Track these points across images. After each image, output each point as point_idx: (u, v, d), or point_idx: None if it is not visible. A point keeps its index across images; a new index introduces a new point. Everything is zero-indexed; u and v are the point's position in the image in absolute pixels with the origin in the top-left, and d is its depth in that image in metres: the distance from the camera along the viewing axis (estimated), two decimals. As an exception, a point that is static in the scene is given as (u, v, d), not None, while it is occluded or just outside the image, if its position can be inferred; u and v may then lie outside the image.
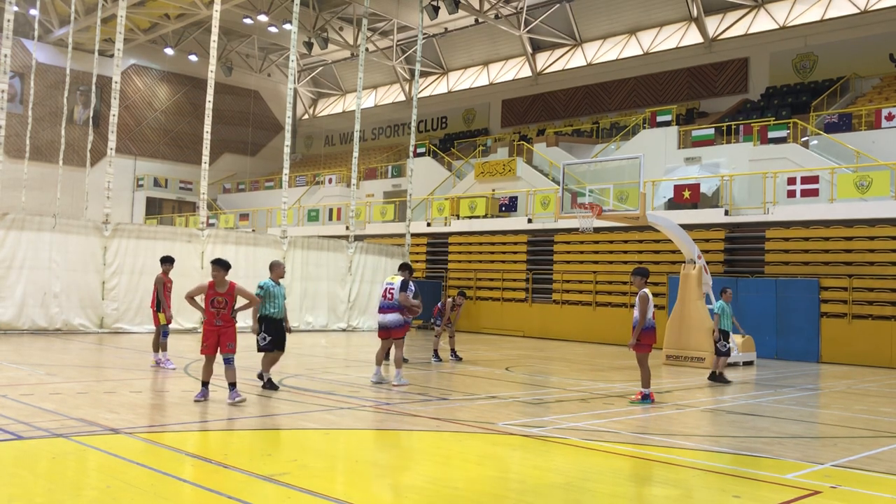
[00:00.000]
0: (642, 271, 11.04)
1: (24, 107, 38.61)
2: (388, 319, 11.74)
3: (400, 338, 11.85)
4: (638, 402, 10.81)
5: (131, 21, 39.67)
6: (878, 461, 7.50)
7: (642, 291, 10.87)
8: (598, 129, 34.06)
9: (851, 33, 29.85)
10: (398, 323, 11.73)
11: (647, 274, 11.07)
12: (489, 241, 28.60)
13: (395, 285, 11.76)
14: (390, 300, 11.72)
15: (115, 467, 6.24)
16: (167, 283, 13.28)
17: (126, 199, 44.67)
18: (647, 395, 10.88)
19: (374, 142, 48.63)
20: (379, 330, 11.99)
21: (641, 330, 10.79)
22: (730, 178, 23.85)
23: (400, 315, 11.74)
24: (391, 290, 11.74)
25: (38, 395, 9.61)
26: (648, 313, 10.81)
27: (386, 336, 11.88)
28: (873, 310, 19.70)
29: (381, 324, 11.85)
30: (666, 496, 6.09)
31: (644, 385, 10.94)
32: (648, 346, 10.93)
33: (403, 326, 11.83)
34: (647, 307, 10.79)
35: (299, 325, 24.00)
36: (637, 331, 10.80)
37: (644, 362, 10.94)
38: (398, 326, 11.75)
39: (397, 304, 11.70)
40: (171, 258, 13.60)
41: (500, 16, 38.39)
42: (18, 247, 18.84)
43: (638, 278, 10.97)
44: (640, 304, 10.81)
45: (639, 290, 10.92)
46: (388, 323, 11.74)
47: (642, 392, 10.92)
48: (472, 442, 7.87)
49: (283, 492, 5.59)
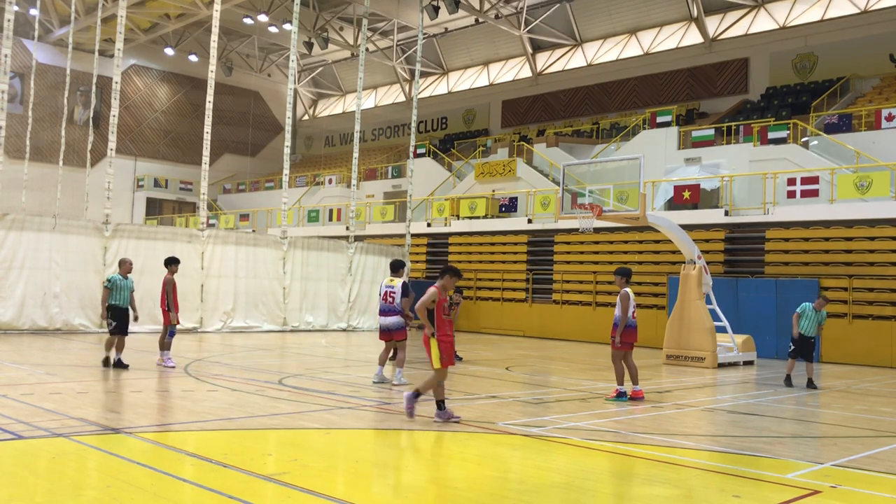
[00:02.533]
0: (624, 271, 11.28)
1: (24, 107, 38.62)
2: (389, 322, 11.87)
3: (402, 340, 11.96)
4: (613, 400, 10.94)
5: (131, 21, 39.67)
6: (878, 461, 7.50)
7: (623, 290, 11.08)
8: (598, 129, 34.06)
9: (851, 33, 29.85)
10: (399, 325, 11.86)
11: (629, 274, 11.30)
12: (489, 241, 28.60)
13: (395, 289, 11.83)
14: (391, 304, 11.80)
15: (115, 467, 6.24)
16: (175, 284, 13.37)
17: (126, 199, 44.68)
18: (622, 393, 11.03)
19: (374, 142, 48.64)
20: (380, 332, 12.11)
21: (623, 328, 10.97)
22: (730, 178, 23.85)
23: (401, 318, 11.86)
24: (392, 293, 11.80)
25: (38, 394, 9.61)
26: (629, 312, 10.99)
27: (388, 339, 12.00)
28: (873, 310, 19.69)
29: (383, 326, 11.96)
30: (666, 496, 6.09)
31: (619, 382, 11.18)
32: (630, 344, 11.11)
33: (404, 329, 11.95)
34: (629, 306, 10.98)
35: (299, 325, 24.04)
36: (620, 329, 10.96)
37: (618, 360, 11.17)
38: (399, 329, 11.87)
39: (399, 307, 11.80)
40: (176, 259, 13.66)
41: (500, 16, 38.40)
42: (18, 247, 18.84)
43: (619, 278, 11.22)
44: (621, 303, 11.03)
45: (620, 289, 11.14)
46: (390, 325, 11.87)
47: (618, 389, 11.10)
48: (472, 442, 7.87)
49: (283, 492, 5.59)
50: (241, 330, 22.44)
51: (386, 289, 11.93)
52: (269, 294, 23.46)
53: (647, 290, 23.56)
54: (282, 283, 23.75)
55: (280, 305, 23.66)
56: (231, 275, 22.46)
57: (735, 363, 17.83)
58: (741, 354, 18.00)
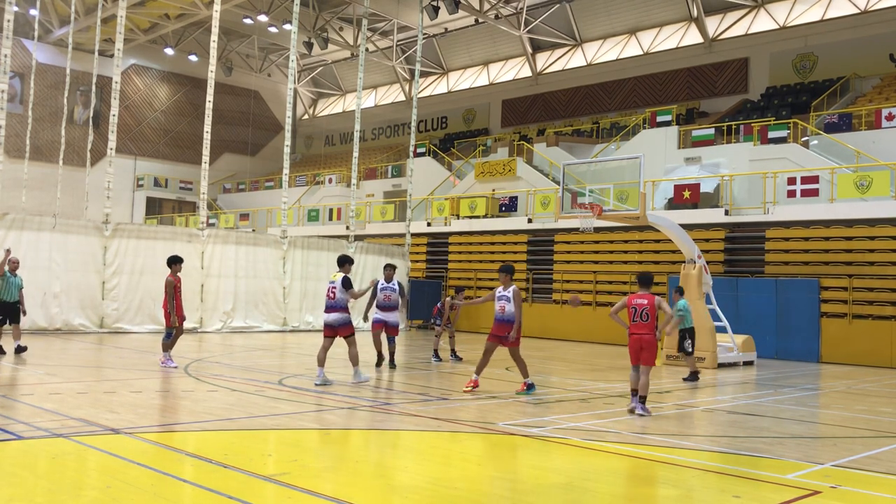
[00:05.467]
0: (508, 268, 11.46)
1: (24, 107, 38.62)
2: (331, 318, 11.65)
3: (349, 335, 11.72)
4: (523, 393, 11.26)
5: (131, 21, 39.67)
6: (878, 461, 7.50)
7: (514, 288, 11.25)
8: (598, 129, 34.06)
9: (851, 33, 29.85)
10: (344, 321, 11.64)
11: (512, 271, 11.49)
12: (489, 241, 28.59)
13: (336, 284, 11.64)
14: (333, 299, 11.62)
15: (115, 467, 6.24)
16: (177, 284, 13.03)
17: (126, 199, 44.68)
18: (531, 385, 11.45)
19: (374, 142, 48.64)
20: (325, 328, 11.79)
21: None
22: (730, 178, 23.85)
23: (345, 313, 11.65)
24: (333, 289, 11.63)
25: (38, 395, 9.61)
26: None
27: (332, 335, 11.72)
28: (873, 310, 19.69)
29: (326, 322, 11.72)
30: (666, 496, 6.09)
31: (525, 375, 11.52)
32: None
33: (349, 324, 11.72)
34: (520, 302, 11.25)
35: (299, 325, 24.03)
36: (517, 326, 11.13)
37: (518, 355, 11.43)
38: (344, 325, 11.66)
39: (341, 303, 11.61)
40: (177, 258, 13.29)
41: (500, 16, 38.39)
42: (18, 247, 18.78)
43: (503, 275, 11.39)
44: (516, 300, 11.18)
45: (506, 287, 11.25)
46: (333, 321, 11.64)
47: (526, 383, 11.46)
48: (472, 442, 7.87)
49: (283, 492, 5.59)
50: (241, 330, 22.43)
51: (329, 284, 11.75)
52: (269, 294, 23.45)
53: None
54: (282, 282, 23.75)
55: (280, 305, 23.66)
56: (231, 274, 22.45)
57: (735, 363, 17.82)
58: (741, 354, 17.99)
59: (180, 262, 13.29)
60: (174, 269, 13.10)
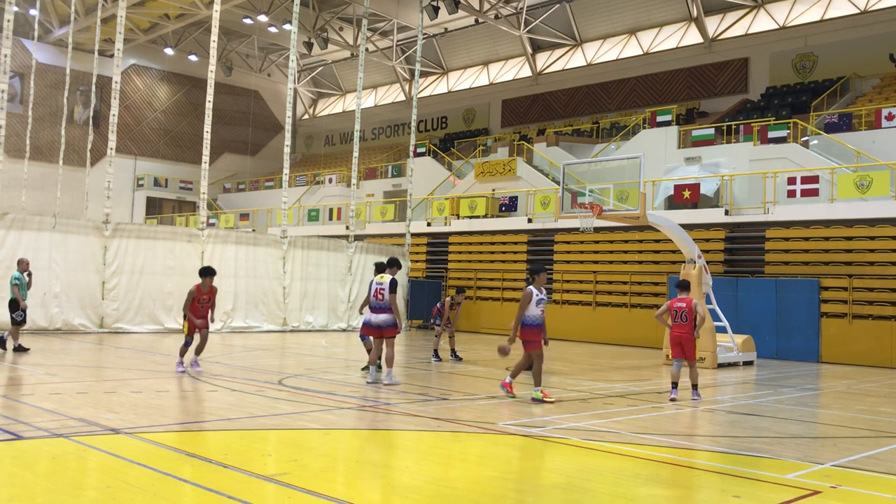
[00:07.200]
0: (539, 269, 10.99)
1: (24, 107, 38.61)
2: (380, 319, 11.64)
3: (392, 337, 11.76)
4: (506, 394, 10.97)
5: (131, 21, 39.67)
6: (878, 461, 7.50)
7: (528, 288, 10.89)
8: (598, 129, 34.06)
9: (851, 33, 29.85)
10: (392, 322, 11.65)
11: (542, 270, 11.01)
12: (489, 240, 28.59)
13: (384, 285, 11.66)
14: (381, 300, 11.62)
15: (115, 467, 6.24)
16: (198, 295, 12.58)
17: (126, 198, 44.68)
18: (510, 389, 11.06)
19: (374, 142, 48.64)
20: (371, 329, 11.78)
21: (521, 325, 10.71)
22: (730, 177, 23.85)
23: (392, 315, 11.65)
24: (381, 290, 11.64)
25: (38, 395, 9.61)
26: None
27: (378, 335, 11.76)
28: (873, 310, 19.69)
29: (374, 324, 11.68)
30: (666, 496, 6.09)
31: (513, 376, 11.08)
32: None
33: (395, 326, 11.73)
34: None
35: (299, 325, 24.03)
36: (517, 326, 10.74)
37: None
38: (391, 326, 11.67)
39: (389, 304, 11.62)
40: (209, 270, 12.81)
41: (500, 16, 38.38)
42: (18, 247, 18.82)
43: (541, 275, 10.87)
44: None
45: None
46: (382, 322, 11.64)
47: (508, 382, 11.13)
48: (472, 442, 7.87)
49: (283, 492, 5.59)
50: (241, 330, 22.43)
51: (376, 285, 11.72)
52: (269, 294, 23.45)
53: (647, 289, 23.57)
54: (282, 282, 23.75)
55: (280, 305, 23.65)
56: (231, 274, 22.44)
57: (735, 363, 17.82)
58: (741, 354, 17.99)
59: (209, 276, 12.76)
60: (205, 282, 12.66)
